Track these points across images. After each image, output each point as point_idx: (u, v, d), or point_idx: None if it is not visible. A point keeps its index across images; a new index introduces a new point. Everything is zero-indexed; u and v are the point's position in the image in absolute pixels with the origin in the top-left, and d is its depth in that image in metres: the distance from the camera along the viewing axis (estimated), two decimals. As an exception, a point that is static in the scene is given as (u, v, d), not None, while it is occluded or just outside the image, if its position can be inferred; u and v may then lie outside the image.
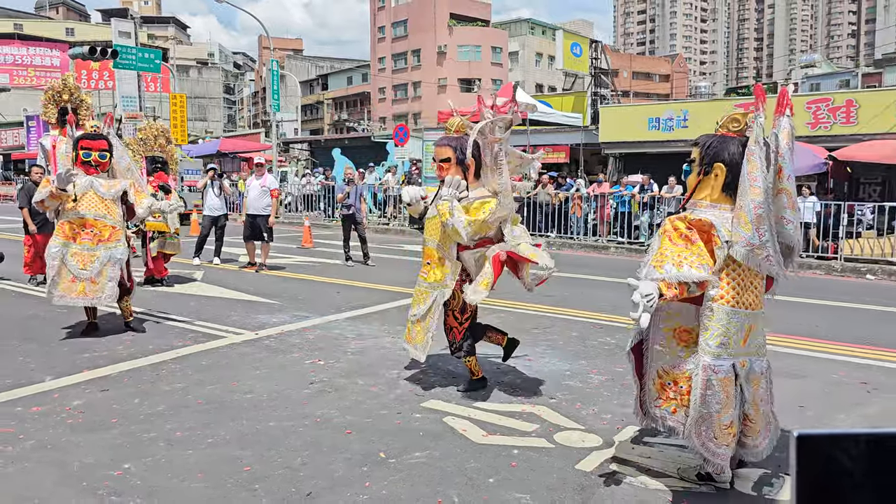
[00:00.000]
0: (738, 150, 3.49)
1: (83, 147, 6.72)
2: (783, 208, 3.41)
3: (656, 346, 3.59)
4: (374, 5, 64.53)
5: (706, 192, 3.59)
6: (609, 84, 28.39)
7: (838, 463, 0.83)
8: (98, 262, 6.58)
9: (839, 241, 13.24)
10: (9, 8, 72.94)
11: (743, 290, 3.41)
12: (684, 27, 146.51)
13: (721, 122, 3.67)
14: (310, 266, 12.21)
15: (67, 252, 6.55)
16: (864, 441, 0.84)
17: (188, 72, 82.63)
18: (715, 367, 3.32)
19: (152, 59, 23.52)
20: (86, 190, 6.64)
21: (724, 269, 3.38)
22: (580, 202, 16.66)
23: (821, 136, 17.59)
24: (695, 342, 3.43)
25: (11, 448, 4.04)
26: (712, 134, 3.69)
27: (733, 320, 3.36)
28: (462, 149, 5.02)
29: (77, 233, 6.58)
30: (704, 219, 3.42)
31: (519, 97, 19.83)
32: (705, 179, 3.60)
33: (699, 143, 3.68)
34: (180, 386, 5.24)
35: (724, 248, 3.36)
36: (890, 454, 0.84)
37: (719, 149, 3.55)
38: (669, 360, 3.52)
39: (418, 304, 5.12)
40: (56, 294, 6.54)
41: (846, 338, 7.09)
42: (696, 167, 3.66)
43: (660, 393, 3.56)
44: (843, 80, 48.90)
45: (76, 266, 6.53)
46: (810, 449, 0.84)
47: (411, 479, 3.67)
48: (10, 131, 46.12)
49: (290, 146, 42.15)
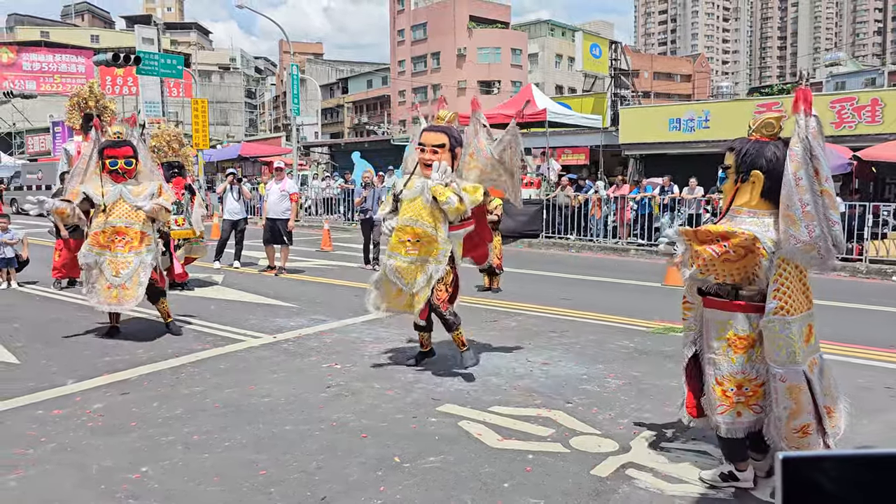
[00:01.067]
0: (774, 155, 3.46)
1: (108, 156, 6.71)
2: (827, 209, 3.34)
3: (711, 354, 3.58)
4: (394, 9, 64.78)
5: (744, 199, 3.56)
6: (629, 85, 28.21)
7: (823, 484, 0.83)
8: (130, 269, 6.63)
9: (864, 243, 13.02)
10: (36, 16, 74.33)
11: (796, 293, 3.39)
12: (706, 26, 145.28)
13: (755, 126, 3.60)
14: (329, 269, 12.27)
15: (104, 261, 6.61)
16: (847, 463, 0.84)
17: (210, 77, 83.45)
18: (783, 374, 3.34)
19: (175, 64, 23.79)
20: (116, 199, 6.68)
21: (777, 279, 3.35)
22: (600, 204, 16.57)
23: (845, 136, 17.32)
24: (751, 346, 3.44)
25: (33, 451, 4.10)
26: (746, 139, 3.61)
27: (794, 328, 3.35)
28: (457, 137, 5.64)
29: (111, 241, 6.63)
30: (748, 232, 3.37)
31: (537, 99, 19.80)
32: (743, 186, 3.55)
33: (735, 149, 3.61)
34: (199, 389, 5.29)
35: (773, 260, 3.36)
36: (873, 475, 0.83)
37: (756, 155, 3.50)
38: (728, 368, 3.50)
39: (411, 280, 5.58)
40: (94, 300, 6.65)
41: (871, 341, 6.97)
42: (732, 174, 3.60)
43: (721, 400, 3.51)
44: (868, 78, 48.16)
45: (110, 273, 6.59)
46: (795, 471, 0.83)
47: (426, 484, 3.67)
48: (36, 137, 46.91)
49: (310, 150, 42.43)
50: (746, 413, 3.48)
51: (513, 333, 7.22)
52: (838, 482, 0.82)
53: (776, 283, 3.35)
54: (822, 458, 0.84)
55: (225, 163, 31.99)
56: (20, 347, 6.58)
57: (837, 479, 0.82)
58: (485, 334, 7.13)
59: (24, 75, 42.83)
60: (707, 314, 3.61)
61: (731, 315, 3.50)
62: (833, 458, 0.84)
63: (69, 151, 12.04)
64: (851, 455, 0.84)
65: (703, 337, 3.67)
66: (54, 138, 38.26)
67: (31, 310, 8.53)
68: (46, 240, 11.57)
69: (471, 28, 58.92)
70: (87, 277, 6.71)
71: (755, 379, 3.46)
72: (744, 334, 3.46)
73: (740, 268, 3.43)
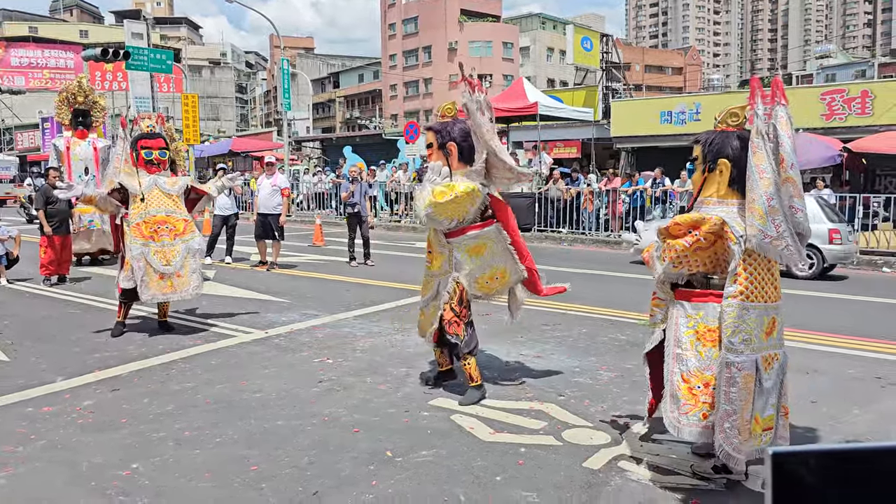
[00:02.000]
0: (740, 144, 3.53)
1: (144, 146, 6.82)
2: (791, 197, 3.36)
3: (678, 349, 3.55)
4: (385, 3, 64.51)
5: (713, 189, 3.63)
6: (621, 78, 28.23)
7: (812, 478, 0.84)
8: (180, 256, 6.71)
9: (854, 234, 13.08)
10: (24, 11, 73.67)
11: (761, 283, 3.40)
12: (697, 19, 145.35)
13: (720, 117, 3.70)
14: (321, 264, 12.23)
15: (149, 251, 6.62)
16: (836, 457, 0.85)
17: (201, 72, 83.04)
18: (738, 363, 3.32)
19: (164, 59, 23.65)
20: (150, 189, 6.75)
21: (742, 265, 3.37)
22: (591, 197, 16.57)
23: (836, 128, 17.41)
24: (720, 341, 3.41)
25: (23, 448, 4.07)
26: (713, 130, 3.71)
27: (752, 315, 3.35)
28: (443, 133, 4.86)
29: (154, 231, 6.67)
30: (716, 217, 3.42)
31: (528, 92, 19.78)
32: (710, 176, 3.64)
33: (700, 140, 3.70)
34: (190, 385, 5.27)
35: (741, 243, 3.37)
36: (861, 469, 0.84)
37: (722, 145, 3.59)
38: (696, 364, 3.47)
39: (423, 294, 5.18)
40: (147, 294, 6.62)
41: (861, 332, 7.00)
42: (699, 165, 3.69)
43: (686, 398, 3.47)
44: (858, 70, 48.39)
45: (160, 263, 6.62)
46: (785, 465, 0.84)
47: (418, 478, 3.67)
48: (25, 133, 46.60)
49: (302, 144, 42.28)
50: (712, 417, 3.41)
51: (505, 327, 7.21)
52: (827, 476, 0.83)
53: (739, 268, 3.36)
54: (812, 453, 0.85)
55: (216, 158, 31.83)
56: (10, 345, 6.54)
57: (826, 474, 0.83)
58: (477, 328, 7.10)
59: (13, 71, 42.37)
60: (677, 309, 3.60)
61: (703, 306, 3.50)
62: (822, 453, 0.85)
63: (58, 147, 12.00)
64: (840, 449, 0.85)
65: (667, 332, 3.64)
66: (43, 134, 38.01)
67: (21, 307, 8.48)
68: (33, 236, 11.49)
69: (462, 22, 58.76)
70: (134, 272, 6.63)
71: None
72: (713, 326, 3.44)
73: (711, 255, 3.50)
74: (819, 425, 4.45)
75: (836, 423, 4.53)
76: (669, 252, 3.51)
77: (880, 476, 0.83)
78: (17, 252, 10.43)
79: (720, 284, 3.48)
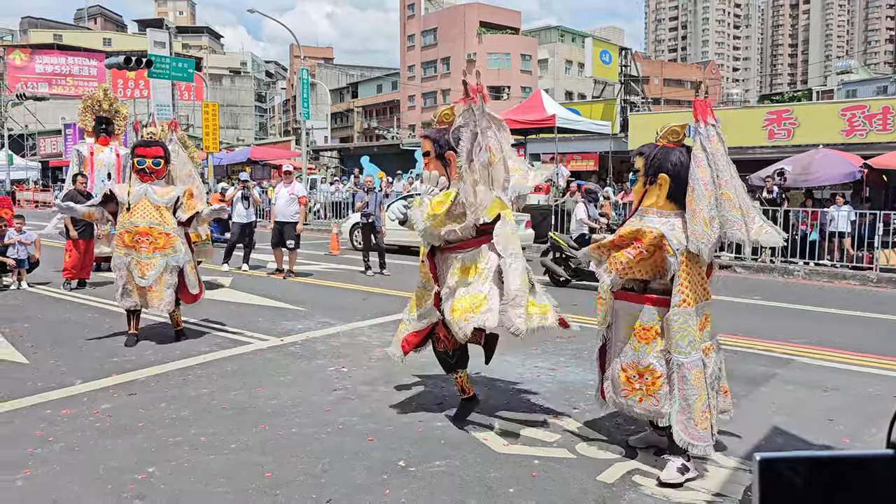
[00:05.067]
0: (679, 160, 3.82)
1: (138, 154, 6.75)
2: (727, 210, 3.68)
3: (619, 343, 3.97)
4: (404, 14, 64.96)
5: (652, 200, 3.91)
6: (639, 91, 28.19)
7: (798, 484, 0.85)
8: (155, 270, 6.59)
9: (875, 251, 12.94)
10: (49, 19, 74.92)
11: (696, 286, 3.78)
12: (717, 33, 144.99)
13: (661, 133, 3.96)
14: (337, 273, 12.28)
15: (132, 261, 6.59)
16: (822, 463, 0.86)
17: (221, 80, 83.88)
18: (688, 364, 3.69)
19: (185, 68, 23.91)
20: (139, 198, 6.66)
21: (682, 274, 3.71)
22: (608, 209, 16.52)
23: (856, 144, 17.25)
24: (654, 338, 3.79)
25: (41, 450, 4.12)
26: (654, 144, 3.98)
27: (693, 318, 3.72)
28: (440, 142, 4.53)
29: (136, 241, 6.61)
30: (656, 230, 3.71)
31: (546, 104, 19.79)
32: (651, 188, 3.91)
33: (643, 153, 3.97)
34: (206, 391, 5.30)
35: (677, 256, 3.70)
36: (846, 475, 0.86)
37: (662, 160, 3.86)
38: (632, 357, 3.87)
39: (418, 307, 4.72)
40: (129, 302, 6.64)
41: (881, 350, 6.92)
42: (641, 177, 3.96)
43: (624, 385, 3.91)
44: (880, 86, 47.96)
45: (137, 275, 6.59)
46: (772, 471, 0.86)
47: (431, 488, 3.67)
48: (48, 139, 47.26)
49: (319, 154, 42.55)
50: (647, 401, 3.81)
51: (520, 339, 7.19)
52: (813, 482, 0.85)
53: (681, 278, 3.71)
54: (798, 459, 0.87)
55: (235, 166, 32.12)
56: (30, 348, 6.62)
57: (813, 480, 0.85)
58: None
59: (37, 78, 43.12)
60: (617, 305, 3.98)
61: (640, 307, 3.86)
62: (809, 459, 0.87)
63: (81, 153, 12.15)
64: (826, 456, 0.87)
65: (612, 327, 4.03)
66: (66, 140, 38.49)
67: (40, 310, 8.58)
68: (57, 241, 11.64)
69: (480, 34, 58.98)
70: (118, 280, 6.69)
71: (655, 371, 3.77)
72: (649, 325, 3.81)
73: (651, 264, 3.81)
74: (835, 443, 4.40)
75: (853, 441, 4.47)
76: (615, 264, 3.83)
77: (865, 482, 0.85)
78: (39, 254, 10.57)
79: (656, 289, 3.84)
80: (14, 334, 7.18)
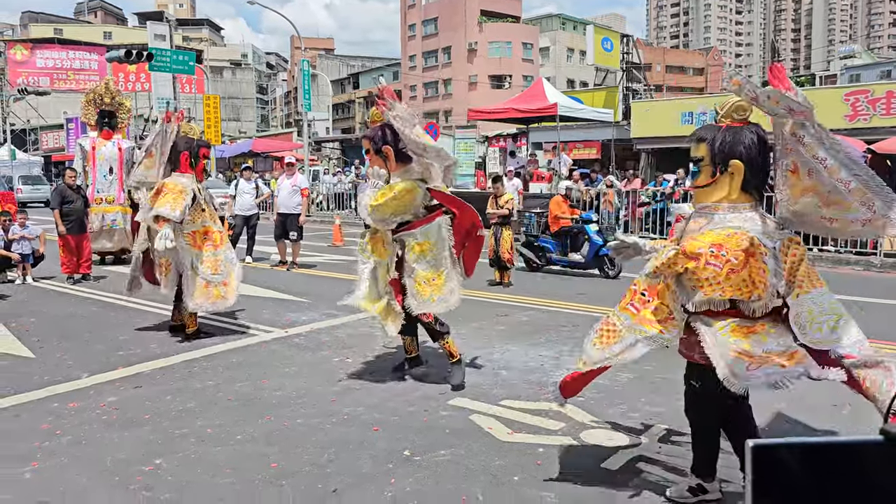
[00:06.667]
0: (752, 141, 3.18)
1: (205, 156, 6.94)
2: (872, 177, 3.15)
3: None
4: (405, 3, 64.73)
5: (723, 194, 3.24)
6: (641, 79, 28.10)
7: (791, 470, 0.87)
8: (224, 265, 6.72)
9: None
10: (49, 13, 74.84)
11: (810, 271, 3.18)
12: (719, 19, 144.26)
13: (723, 111, 3.26)
14: (340, 264, 12.29)
15: (198, 260, 6.58)
16: (813, 449, 0.88)
17: (222, 73, 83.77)
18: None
19: (186, 61, 23.92)
20: (208, 199, 6.88)
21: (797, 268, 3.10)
22: (612, 197, 16.50)
23: (859, 129, 17.18)
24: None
25: (48, 443, 4.15)
26: (716, 125, 3.30)
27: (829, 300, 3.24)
28: (375, 139, 5.17)
29: (203, 240, 6.67)
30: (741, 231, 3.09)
31: (548, 93, 19.74)
32: (720, 179, 3.23)
33: (706, 139, 3.27)
34: (211, 383, 5.33)
35: (776, 256, 3.09)
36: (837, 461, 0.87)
37: (733, 143, 3.19)
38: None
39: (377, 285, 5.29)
40: (192, 304, 6.53)
41: (888, 336, 6.91)
42: (706, 167, 3.27)
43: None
44: (884, 70, 47.72)
45: (208, 271, 6.58)
46: (764, 457, 0.87)
47: (436, 477, 3.69)
48: (50, 134, 47.29)
49: (321, 145, 42.52)
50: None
51: (524, 328, 7.23)
52: (805, 468, 0.87)
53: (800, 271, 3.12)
54: (790, 445, 0.88)
55: (237, 158, 32.13)
56: (36, 342, 6.66)
57: (804, 465, 0.87)
58: (495, 329, 7.14)
59: (38, 72, 43.03)
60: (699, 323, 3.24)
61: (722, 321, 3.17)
62: (801, 446, 0.88)
63: (84, 147, 12.16)
64: (818, 442, 0.90)
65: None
66: (68, 135, 38.54)
67: (46, 305, 8.62)
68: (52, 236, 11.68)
69: (481, 22, 58.76)
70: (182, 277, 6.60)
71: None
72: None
73: (745, 277, 3.05)
74: (840, 429, 4.42)
75: (856, 425, 4.48)
76: (695, 279, 3.09)
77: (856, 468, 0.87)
78: (43, 249, 10.61)
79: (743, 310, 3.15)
80: (20, 329, 7.21)
